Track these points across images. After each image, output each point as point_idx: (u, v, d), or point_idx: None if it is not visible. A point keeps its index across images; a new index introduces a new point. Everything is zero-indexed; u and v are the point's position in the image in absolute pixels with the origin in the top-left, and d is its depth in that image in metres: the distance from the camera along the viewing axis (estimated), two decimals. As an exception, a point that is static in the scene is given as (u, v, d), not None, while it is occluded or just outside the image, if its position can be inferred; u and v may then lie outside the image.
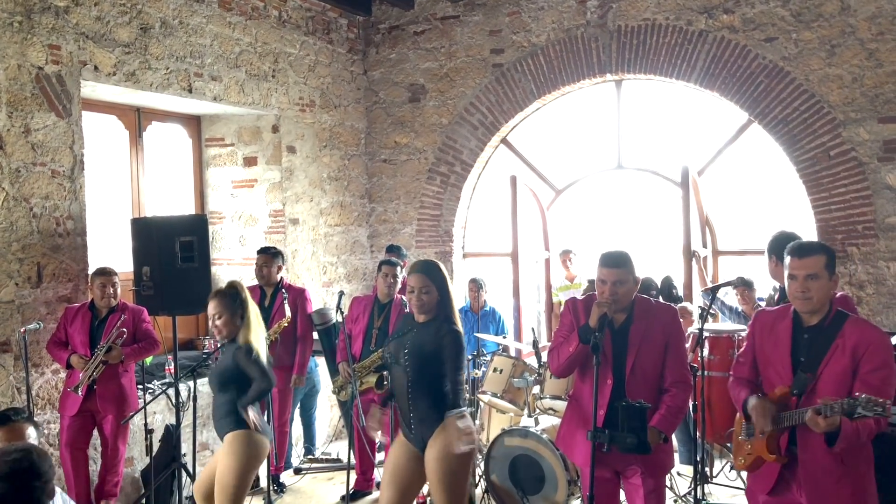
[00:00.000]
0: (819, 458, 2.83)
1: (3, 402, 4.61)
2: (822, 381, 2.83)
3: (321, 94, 7.18)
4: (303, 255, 6.96)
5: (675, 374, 3.31)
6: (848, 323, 2.87)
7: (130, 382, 4.92)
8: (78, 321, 4.74)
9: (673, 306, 3.53)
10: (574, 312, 3.45)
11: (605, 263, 3.30)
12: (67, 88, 4.98)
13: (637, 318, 3.31)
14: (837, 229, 5.97)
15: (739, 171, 9.28)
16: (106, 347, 4.64)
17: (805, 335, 2.93)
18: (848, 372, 2.81)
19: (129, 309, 4.90)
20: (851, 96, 5.90)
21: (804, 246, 2.95)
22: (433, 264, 3.58)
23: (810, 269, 2.86)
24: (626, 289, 3.26)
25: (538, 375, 5.26)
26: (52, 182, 4.91)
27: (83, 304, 4.85)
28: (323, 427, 6.96)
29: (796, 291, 2.90)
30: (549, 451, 4.74)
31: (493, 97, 7.22)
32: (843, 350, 2.82)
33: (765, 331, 3.06)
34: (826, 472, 2.83)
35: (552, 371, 3.55)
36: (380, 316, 5.33)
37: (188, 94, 5.81)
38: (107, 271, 4.83)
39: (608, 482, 3.37)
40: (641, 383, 3.27)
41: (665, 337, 3.31)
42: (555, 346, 3.46)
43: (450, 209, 7.47)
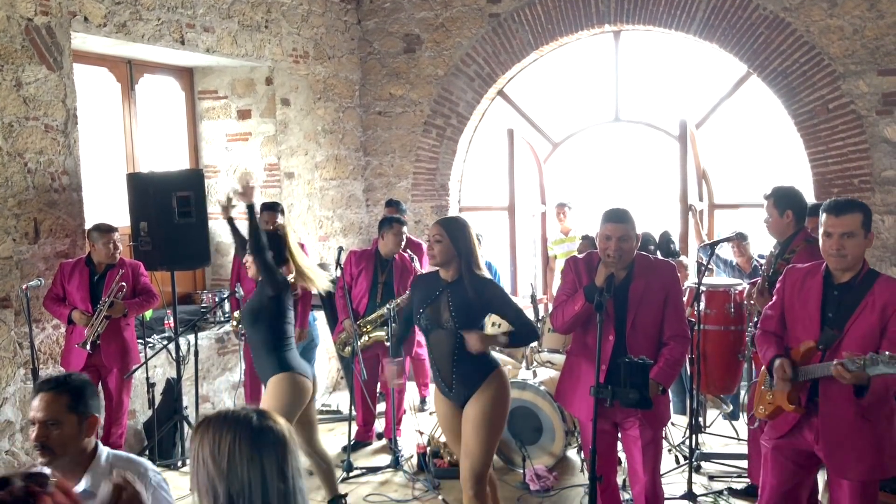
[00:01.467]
0: (840, 411, 2.88)
1: (6, 356, 4.64)
2: (849, 337, 2.86)
3: (315, 45, 7.06)
4: (298, 209, 6.94)
5: (673, 328, 3.37)
6: (879, 281, 2.88)
7: (132, 336, 4.95)
8: (76, 277, 4.73)
9: (671, 262, 3.58)
10: (575, 271, 3.48)
11: (610, 219, 3.31)
12: (58, 40, 4.88)
13: (637, 275, 3.36)
14: (834, 183, 5.99)
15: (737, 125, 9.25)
16: (109, 302, 4.65)
17: (835, 292, 2.94)
18: (875, 330, 2.83)
19: (126, 264, 4.89)
20: (852, 48, 5.85)
21: (841, 203, 2.93)
22: (453, 218, 3.64)
23: (847, 226, 2.85)
24: (629, 245, 3.30)
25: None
26: (46, 137, 4.85)
27: (79, 260, 4.83)
28: (322, 379, 7.05)
29: (831, 249, 2.89)
30: (546, 403, 4.83)
31: (489, 48, 7.12)
32: (871, 308, 2.84)
33: (795, 287, 3.08)
34: (846, 424, 2.89)
35: (555, 328, 3.58)
36: (383, 271, 5.35)
37: (180, 45, 5.71)
38: (109, 228, 4.78)
39: (607, 434, 3.45)
40: (642, 338, 3.33)
41: (664, 293, 3.36)
42: (558, 304, 3.49)
43: (446, 163, 7.43)
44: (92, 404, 2.43)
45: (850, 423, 2.88)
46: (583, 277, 3.39)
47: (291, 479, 1.66)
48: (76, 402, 2.37)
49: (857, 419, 2.87)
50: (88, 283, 4.72)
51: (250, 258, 3.89)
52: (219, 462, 1.60)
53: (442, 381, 3.54)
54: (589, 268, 3.40)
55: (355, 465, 5.05)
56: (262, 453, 1.62)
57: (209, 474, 1.60)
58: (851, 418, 2.88)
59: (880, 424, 2.91)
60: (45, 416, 2.33)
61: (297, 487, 1.67)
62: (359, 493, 4.74)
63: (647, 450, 3.39)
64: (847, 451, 2.89)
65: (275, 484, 1.62)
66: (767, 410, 3.11)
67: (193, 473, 1.65)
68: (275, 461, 1.64)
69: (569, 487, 4.72)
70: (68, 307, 4.68)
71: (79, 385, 2.40)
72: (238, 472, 1.60)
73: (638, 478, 3.43)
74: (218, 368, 6.06)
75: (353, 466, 5.02)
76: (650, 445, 3.40)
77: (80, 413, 2.37)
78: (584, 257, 3.54)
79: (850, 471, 2.90)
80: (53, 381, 2.40)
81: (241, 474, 1.60)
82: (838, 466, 2.92)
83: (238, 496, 1.59)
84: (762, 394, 3.15)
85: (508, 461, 5.04)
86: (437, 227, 3.50)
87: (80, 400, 2.38)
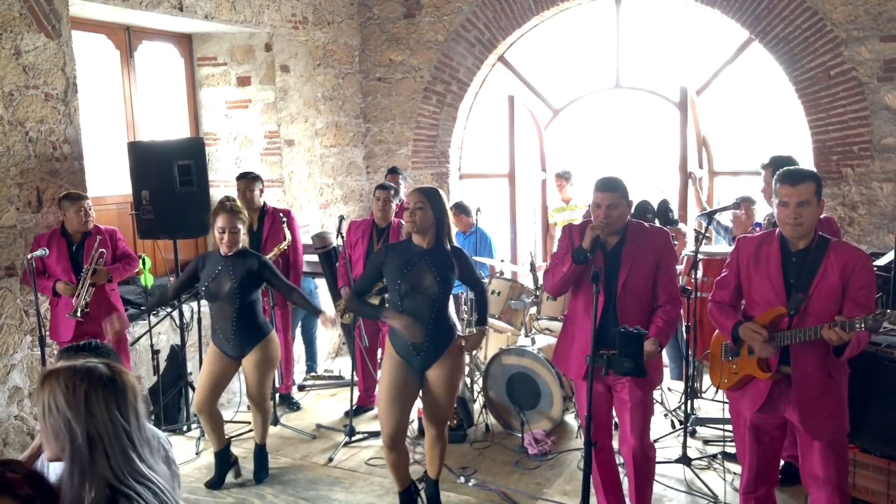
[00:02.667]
0: (811, 374, 2.99)
1: (12, 324, 4.70)
2: (814, 300, 2.96)
3: (314, 10, 7.01)
4: (299, 176, 6.95)
5: (667, 292, 3.47)
6: (832, 246, 3.00)
7: (118, 299, 4.97)
8: (54, 249, 4.68)
9: (665, 229, 3.66)
10: (570, 237, 3.59)
11: (600, 188, 3.41)
12: (55, 7, 4.85)
13: (629, 241, 3.46)
14: (833, 150, 6.00)
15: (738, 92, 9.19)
16: (91, 270, 4.68)
17: (793, 258, 3.04)
18: (838, 290, 2.94)
19: (102, 231, 4.87)
20: (854, 14, 5.80)
21: (796, 173, 3.00)
22: (433, 188, 3.74)
23: (802, 196, 2.94)
24: (619, 212, 3.39)
25: (535, 297, 5.38)
26: (46, 105, 4.85)
27: (54, 231, 4.78)
28: (323, 345, 7.14)
29: (787, 217, 2.97)
30: (545, 369, 4.91)
31: (490, 13, 7.06)
32: (831, 270, 2.95)
33: (750, 258, 3.16)
34: (816, 385, 3.00)
35: (547, 290, 3.71)
36: (379, 240, 5.39)
37: (179, 11, 5.67)
38: (79, 196, 4.76)
39: (601, 396, 3.56)
40: (632, 301, 3.43)
41: (657, 258, 3.45)
42: (550, 268, 3.63)
43: (446, 129, 7.42)
44: None
45: (821, 384, 3.00)
46: (576, 242, 3.49)
47: (141, 418, 1.88)
48: None
49: (825, 379, 3.00)
50: (68, 254, 4.73)
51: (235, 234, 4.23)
52: (75, 406, 1.77)
53: (411, 345, 3.69)
54: (583, 234, 3.49)
55: (357, 430, 5.15)
56: (117, 396, 1.82)
57: (65, 418, 1.77)
58: (821, 380, 2.99)
59: (841, 381, 3.05)
60: None
61: (144, 425, 1.90)
62: (360, 458, 4.84)
63: (636, 410, 3.48)
64: (820, 412, 2.99)
65: (131, 422, 1.84)
66: (731, 381, 3.20)
67: (42, 418, 1.81)
68: (126, 403, 1.84)
69: (566, 451, 4.82)
70: (51, 279, 4.68)
71: (102, 353, 2.46)
72: (97, 413, 1.78)
73: (627, 438, 3.53)
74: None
75: (356, 431, 5.12)
76: (639, 406, 3.49)
77: None
78: (579, 224, 3.65)
79: (823, 431, 3.01)
80: (75, 348, 2.46)
81: (100, 415, 1.79)
82: (813, 428, 3.01)
83: (100, 435, 1.78)
84: (724, 365, 3.23)
85: (507, 426, 5.14)
86: (419, 194, 3.63)
87: None
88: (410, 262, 3.63)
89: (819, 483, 3.05)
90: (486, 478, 4.48)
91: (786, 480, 4.18)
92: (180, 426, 5.38)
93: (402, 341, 3.71)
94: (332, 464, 4.76)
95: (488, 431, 5.15)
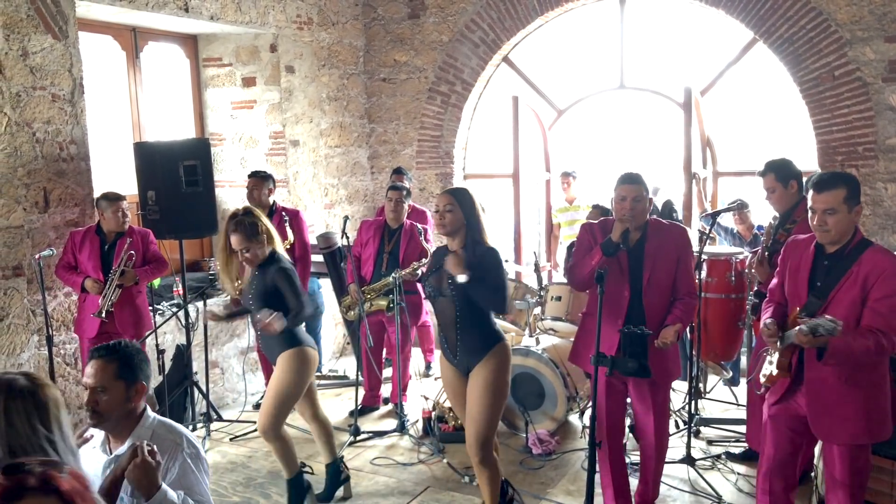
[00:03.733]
0: (823, 376, 2.97)
1: (20, 323, 4.73)
2: (832, 306, 2.93)
3: (319, 11, 7.03)
4: (304, 177, 6.97)
5: (686, 286, 3.59)
6: (868, 251, 2.95)
7: (144, 303, 5.05)
8: (87, 246, 4.80)
9: (682, 226, 3.76)
10: (591, 234, 3.66)
11: (625, 181, 3.52)
12: (62, 9, 4.88)
13: (651, 236, 3.56)
14: (838, 150, 5.99)
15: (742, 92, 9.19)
16: (119, 271, 4.73)
17: (825, 262, 3.03)
18: (857, 299, 2.90)
19: (135, 232, 4.96)
20: (859, 14, 5.80)
21: (823, 180, 2.99)
22: (461, 188, 3.69)
23: (828, 203, 2.92)
24: (642, 205, 3.51)
25: (539, 297, 5.39)
26: (53, 106, 4.88)
27: (89, 229, 4.90)
28: (328, 345, 7.16)
29: (815, 225, 2.98)
30: (549, 369, 4.92)
31: (494, 14, 7.07)
32: (855, 278, 2.91)
33: (793, 257, 3.18)
34: (829, 389, 2.97)
35: (573, 285, 3.80)
36: (390, 241, 5.40)
37: (184, 13, 5.70)
38: (117, 196, 4.85)
39: (618, 393, 3.63)
40: (657, 295, 3.53)
41: (677, 252, 3.56)
42: (575, 262, 3.67)
43: (450, 130, 7.43)
44: (141, 372, 2.50)
45: (834, 388, 2.96)
46: (598, 238, 3.57)
47: (65, 428, 1.88)
48: (124, 370, 2.45)
49: (840, 384, 2.95)
50: (99, 252, 4.81)
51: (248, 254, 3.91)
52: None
53: (448, 348, 3.63)
54: (604, 231, 3.59)
55: (362, 430, 5.17)
56: (38, 408, 1.82)
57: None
58: (834, 383, 2.96)
59: (867, 390, 2.98)
60: (94, 382, 2.42)
61: (68, 435, 1.91)
62: (365, 457, 4.86)
63: (656, 403, 3.58)
64: (831, 415, 2.98)
65: (54, 433, 1.84)
66: (769, 380, 3.20)
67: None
68: (48, 414, 1.85)
69: (570, 451, 4.84)
70: (81, 275, 4.77)
71: (128, 353, 2.47)
72: (17, 425, 1.79)
73: (646, 432, 3.61)
74: (226, 335, 6.17)
75: (360, 431, 5.14)
76: (658, 399, 3.60)
77: (127, 380, 2.45)
78: (599, 222, 3.72)
79: (834, 435, 3.00)
80: (104, 348, 2.48)
81: (21, 428, 1.79)
82: (823, 431, 3.02)
83: (22, 447, 1.79)
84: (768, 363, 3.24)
85: (511, 426, 5.15)
86: (448, 196, 3.53)
87: (128, 367, 2.46)
88: (438, 264, 3.61)
89: (836, 485, 3.05)
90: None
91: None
92: (186, 426, 5.39)
93: (442, 343, 3.67)
94: (337, 463, 4.78)
95: (492, 431, 5.16)
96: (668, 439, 3.69)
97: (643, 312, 3.49)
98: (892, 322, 2.82)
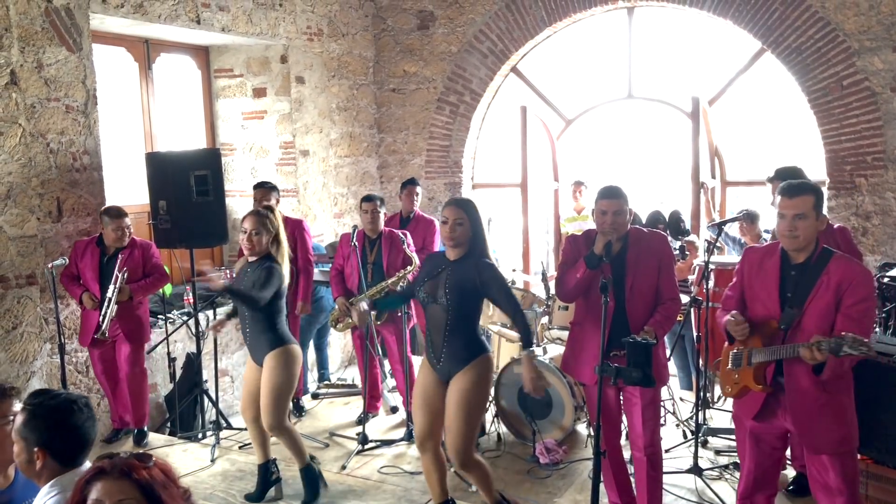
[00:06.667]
0: (804, 386, 2.99)
1: (33, 332, 4.80)
2: (808, 315, 2.98)
3: (329, 22, 7.10)
4: (314, 186, 7.03)
5: (668, 291, 3.64)
6: (833, 260, 2.99)
7: (145, 312, 5.08)
8: (88, 257, 4.86)
9: (662, 233, 3.83)
10: (575, 246, 3.74)
11: (605, 196, 3.57)
12: (77, 22, 4.96)
13: (632, 245, 3.62)
14: (847, 160, 5.99)
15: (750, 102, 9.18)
16: (116, 290, 4.77)
17: (792, 272, 3.06)
18: (831, 307, 2.94)
19: (137, 244, 5.00)
20: (867, 24, 5.81)
21: (794, 186, 3.03)
22: (469, 200, 3.73)
23: (799, 208, 2.96)
24: (622, 218, 3.55)
25: (546, 307, 5.40)
26: (67, 117, 4.96)
27: (92, 240, 4.94)
28: (336, 354, 7.19)
29: (784, 230, 3.00)
30: (556, 378, 4.93)
31: (503, 24, 7.12)
32: (827, 286, 2.95)
33: (753, 268, 3.20)
34: (810, 399, 3.00)
35: (560, 298, 3.85)
36: (372, 250, 5.42)
37: (196, 25, 5.77)
38: (118, 213, 4.88)
39: (611, 399, 3.69)
40: (640, 303, 3.58)
41: (657, 259, 3.62)
42: (560, 276, 3.74)
43: (459, 139, 7.48)
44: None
45: (816, 398, 2.98)
46: (582, 251, 3.63)
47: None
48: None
49: (820, 393, 2.97)
50: (98, 264, 4.86)
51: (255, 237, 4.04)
52: None
53: (433, 354, 3.69)
54: (588, 242, 3.65)
55: (370, 438, 5.19)
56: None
57: None
58: (815, 393, 2.98)
59: (840, 396, 3.02)
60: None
61: None
62: (373, 466, 4.88)
63: (647, 410, 3.61)
64: (818, 425, 2.99)
65: None
66: (734, 390, 3.22)
67: None
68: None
69: (578, 461, 4.84)
70: (80, 288, 4.84)
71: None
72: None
73: (638, 437, 3.64)
74: (236, 343, 6.21)
75: (368, 439, 5.16)
76: (649, 406, 3.63)
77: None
78: (582, 234, 3.79)
79: (824, 445, 3.01)
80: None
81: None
82: (812, 442, 3.02)
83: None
84: (728, 374, 3.26)
85: (519, 435, 5.16)
86: (459, 210, 3.55)
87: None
88: (434, 272, 3.64)
89: (832, 494, 3.05)
90: (497, 487, 4.49)
91: (797, 491, 4.18)
92: (195, 434, 5.44)
93: (427, 347, 3.72)
94: (345, 472, 4.80)
95: (500, 441, 5.18)
96: (661, 448, 3.70)
97: (627, 321, 3.54)
98: (864, 326, 2.87)
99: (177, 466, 2.44)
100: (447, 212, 3.59)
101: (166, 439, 5.23)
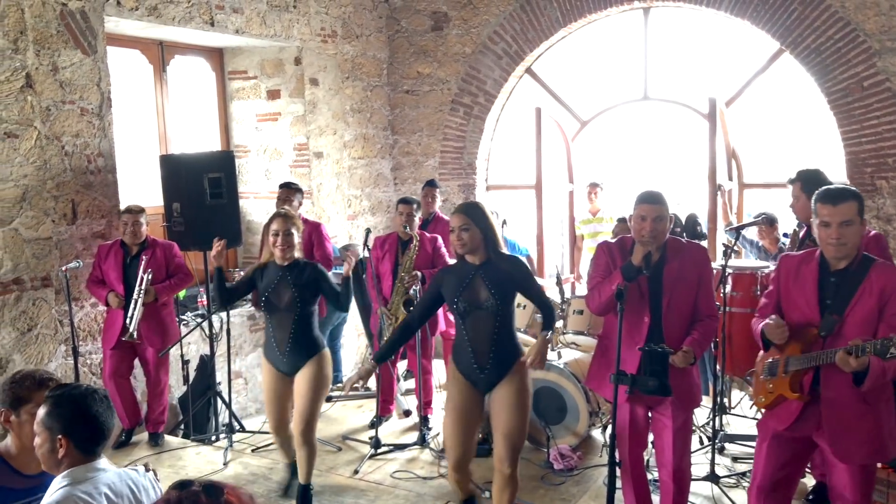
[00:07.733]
0: (843, 396, 2.89)
1: (47, 333, 4.81)
2: (849, 323, 2.87)
3: (343, 24, 7.09)
4: (327, 188, 7.01)
5: (706, 308, 3.44)
6: (874, 267, 2.89)
7: (170, 315, 5.12)
8: (111, 258, 4.91)
9: (702, 245, 3.61)
10: (609, 255, 3.53)
11: (645, 200, 3.36)
12: (91, 24, 4.97)
13: (670, 258, 3.41)
14: (867, 162, 5.90)
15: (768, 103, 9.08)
16: (143, 291, 4.78)
17: (832, 279, 2.95)
18: (874, 314, 2.84)
19: (159, 245, 5.03)
20: (888, 24, 5.71)
21: (836, 192, 2.92)
22: (473, 204, 3.66)
23: (845, 215, 2.85)
24: (662, 225, 3.34)
25: (561, 311, 5.35)
26: (82, 120, 4.97)
27: (115, 242, 4.99)
28: (350, 356, 7.18)
29: (830, 238, 2.88)
30: (570, 383, 4.88)
31: (517, 25, 7.08)
32: (870, 293, 2.85)
33: (790, 275, 3.09)
34: (848, 409, 2.90)
35: (592, 310, 3.62)
36: (405, 254, 5.41)
37: (210, 27, 5.77)
38: (131, 209, 4.92)
39: (640, 418, 3.51)
40: (677, 319, 3.39)
41: (697, 274, 3.41)
42: (594, 286, 3.53)
43: (473, 141, 7.44)
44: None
45: (853, 408, 2.89)
46: (617, 261, 3.44)
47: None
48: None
49: (858, 404, 2.88)
50: (122, 265, 4.89)
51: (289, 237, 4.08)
52: None
53: (475, 364, 3.55)
54: (622, 251, 3.46)
55: (383, 443, 5.16)
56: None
57: None
58: (853, 403, 2.88)
59: (879, 407, 2.92)
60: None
61: None
62: (386, 470, 4.85)
63: (679, 434, 3.43)
64: (852, 436, 2.90)
65: None
66: (768, 400, 3.11)
67: None
68: None
69: (592, 467, 4.78)
70: (106, 289, 4.87)
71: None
72: None
73: (667, 461, 3.47)
74: (250, 345, 6.21)
75: (381, 443, 5.13)
76: (681, 430, 3.45)
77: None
78: (616, 241, 3.59)
79: (854, 456, 2.91)
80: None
81: None
82: (844, 453, 2.92)
83: None
84: (762, 383, 3.16)
85: (533, 440, 5.11)
86: (462, 216, 3.51)
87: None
88: (465, 280, 3.54)
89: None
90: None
91: (818, 501, 4.11)
92: (209, 436, 5.44)
93: (465, 359, 3.60)
94: (358, 476, 4.78)
95: (514, 445, 5.13)
96: (690, 470, 3.55)
97: (662, 337, 3.35)
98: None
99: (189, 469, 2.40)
100: (452, 221, 3.57)
101: (179, 442, 5.23)
